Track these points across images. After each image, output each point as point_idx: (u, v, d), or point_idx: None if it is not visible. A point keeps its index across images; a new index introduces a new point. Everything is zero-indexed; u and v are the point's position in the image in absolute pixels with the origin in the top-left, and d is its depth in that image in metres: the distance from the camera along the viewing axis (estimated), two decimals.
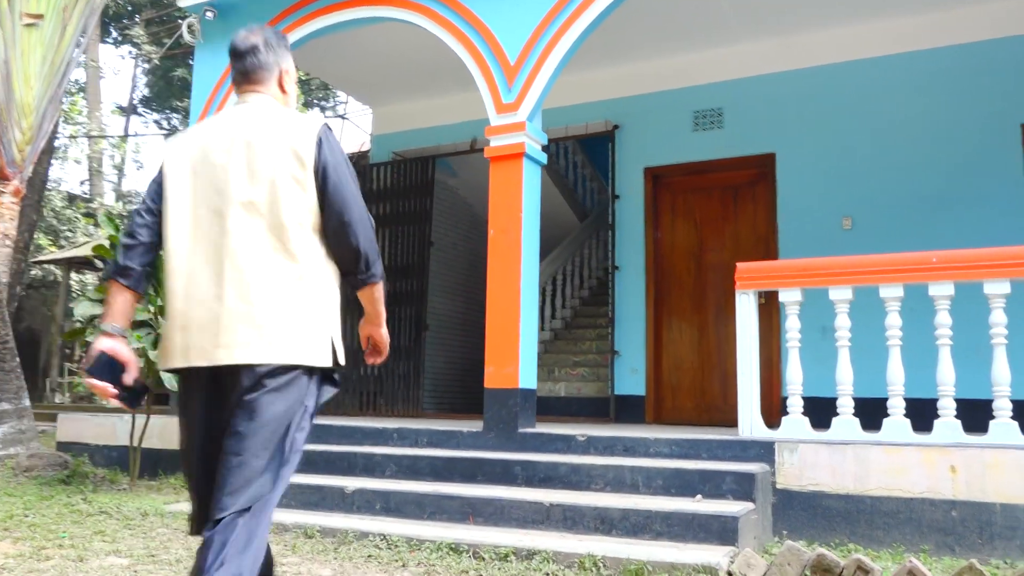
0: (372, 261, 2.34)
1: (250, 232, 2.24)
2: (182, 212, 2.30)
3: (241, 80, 2.45)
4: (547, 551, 3.91)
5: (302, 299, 2.24)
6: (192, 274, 2.26)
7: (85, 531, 4.47)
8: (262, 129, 2.31)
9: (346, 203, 2.29)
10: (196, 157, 2.33)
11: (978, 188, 6.51)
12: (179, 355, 2.25)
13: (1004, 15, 6.50)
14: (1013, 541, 4.02)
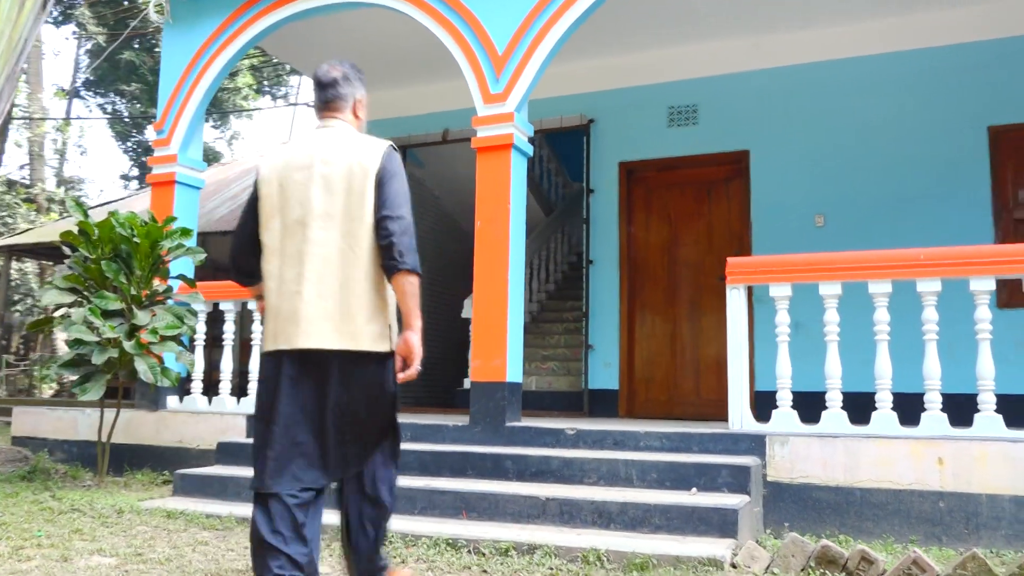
0: (403, 252, 2.67)
1: (328, 240, 2.69)
2: (274, 222, 2.76)
3: (322, 107, 2.89)
4: (548, 545, 3.88)
5: (366, 296, 2.69)
6: (282, 275, 2.73)
7: (61, 530, 4.28)
8: (339, 151, 2.74)
9: (388, 203, 2.69)
10: (283, 174, 2.77)
11: (947, 187, 6.68)
12: (271, 340, 2.74)
13: (974, 20, 6.68)
14: (998, 531, 4.13)
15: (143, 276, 5.38)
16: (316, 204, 2.70)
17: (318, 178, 2.72)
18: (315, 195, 2.71)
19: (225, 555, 3.90)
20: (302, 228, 2.71)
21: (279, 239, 2.75)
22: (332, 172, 2.71)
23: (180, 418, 6.24)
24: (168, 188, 6.55)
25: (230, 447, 5.59)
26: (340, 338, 2.67)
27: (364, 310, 2.69)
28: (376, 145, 2.77)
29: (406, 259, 2.67)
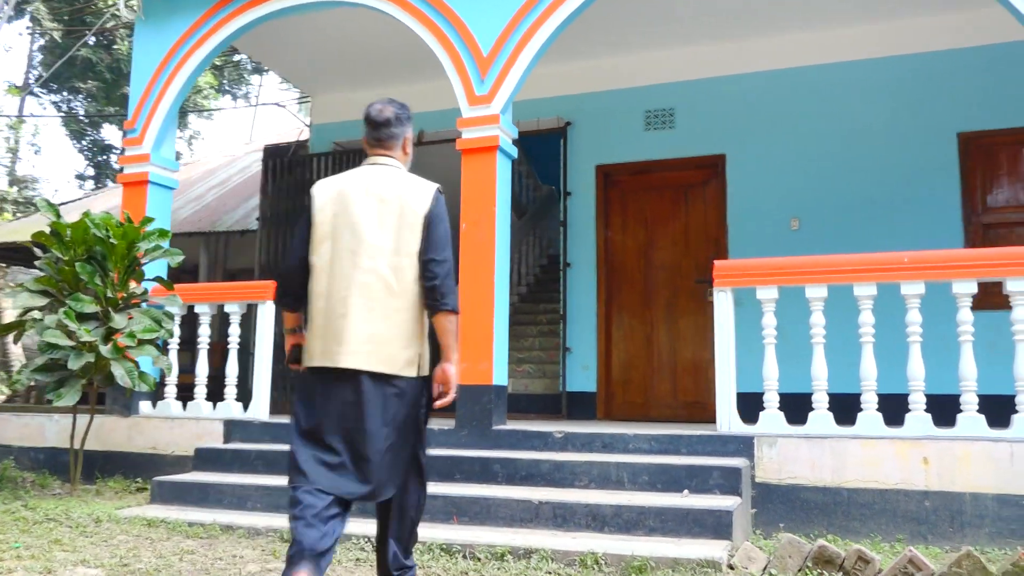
0: (445, 294, 2.92)
1: (374, 268, 2.90)
2: (324, 247, 2.95)
3: (375, 144, 3.11)
4: (544, 549, 3.86)
5: (405, 325, 2.92)
6: (329, 297, 2.92)
7: (39, 540, 4.13)
8: (392, 188, 2.95)
9: (434, 246, 2.93)
10: (337, 205, 2.96)
11: (918, 192, 6.82)
12: (316, 357, 2.92)
13: (944, 30, 6.83)
14: (982, 529, 4.22)
15: (118, 278, 5.23)
16: (367, 235, 2.92)
17: (371, 211, 2.93)
18: (367, 227, 2.92)
19: (214, 564, 3.80)
20: (352, 256, 2.91)
21: (328, 263, 2.94)
22: (385, 208, 2.93)
23: (154, 424, 6.09)
24: (140, 188, 6.39)
25: (208, 453, 5.47)
26: (378, 361, 2.88)
27: (401, 337, 2.92)
28: (427, 188, 3.00)
29: (447, 300, 2.92)
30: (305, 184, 8.70)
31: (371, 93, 8.62)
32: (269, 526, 4.43)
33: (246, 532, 4.43)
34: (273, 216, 8.86)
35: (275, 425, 5.74)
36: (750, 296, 7.18)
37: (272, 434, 5.69)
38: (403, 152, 3.12)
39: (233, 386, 6.06)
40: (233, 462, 5.36)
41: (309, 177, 8.75)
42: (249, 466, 5.30)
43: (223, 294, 6.13)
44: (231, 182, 13.19)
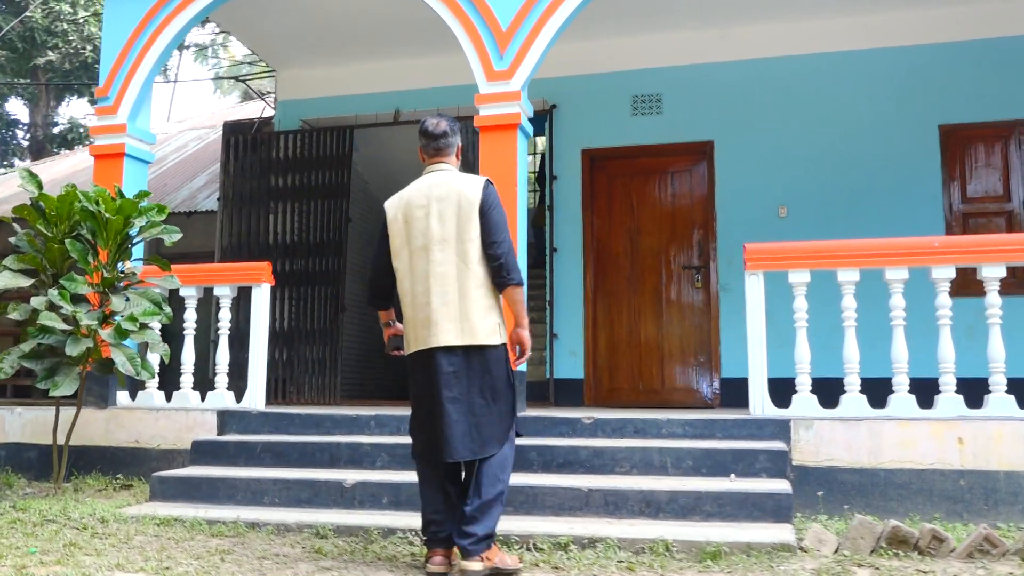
0: (509, 269, 3.41)
1: (446, 259, 3.40)
2: (403, 252, 3.50)
3: (433, 153, 3.57)
4: (610, 538, 3.74)
5: (479, 301, 3.39)
6: (413, 292, 3.46)
7: (51, 544, 3.74)
8: (449, 188, 3.44)
9: (492, 231, 3.40)
10: (406, 212, 3.49)
11: (900, 182, 7.01)
12: (412, 344, 3.47)
13: (927, 24, 7.03)
14: (1016, 506, 4.34)
15: (111, 257, 4.80)
16: (434, 232, 3.40)
17: (434, 212, 3.41)
18: (433, 225, 3.41)
19: (262, 564, 3.52)
20: (425, 252, 3.42)
21: (408, 264, 3.47)
22: (444, 205, 3.41)
23: (136, 415, 5.65)
24: (115, 161, 5.91)
25: (207, 446, 5.10)
26: (462, 336, 3.36)
27: (478, 312, 3.38)
28: (477, 181, 3.48)
29: (512, 276, 3.42)
30: (271, 163, 8.31)
31: (343, 70, 8.32)
32: (300, 522, 4.15)
33: (275, 529, 4.14)
34: (236, 196, 8.39)
35: (276, 415, 5.41)
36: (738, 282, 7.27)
37: (273, 424, 5.36)
38: (455, 158, 3.61)
39: (224, 374, 5.69)
40: (237, 455, 5.01)
41: (275, 156, 8.33)
42: (256, 459, 4.97)
43: (213, 276, 5.74)
44: (168, 161, 12.48)
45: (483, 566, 3.32)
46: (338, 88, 8.38)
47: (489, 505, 3.33)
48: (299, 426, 5.32)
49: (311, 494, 4.50)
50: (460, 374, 3.36)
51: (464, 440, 3.34)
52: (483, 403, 3.36)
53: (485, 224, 3.37)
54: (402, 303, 3.49)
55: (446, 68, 8.03)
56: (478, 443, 3.35)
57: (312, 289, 8.06)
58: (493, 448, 3.35)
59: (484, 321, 3.37)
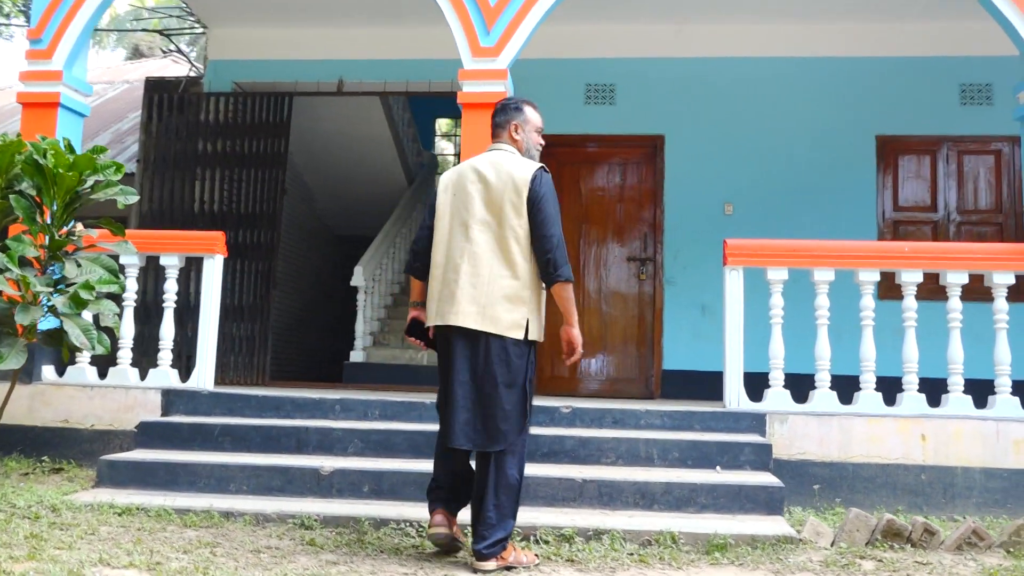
0: (558, 265, 3.29)
1: (483, 241, 3.31)
2: (444, 223, 3.41)
3: (492, 133, 3.58)
4: (615, 530, 3.71)
5: (510, 290, 3.28)
6: (446, 266, 3.36)
7: (10, 538, 3.33)
8: (499, 171, 3.35)
9: (546, 223, 3.29)
10: (457, 185, 3.42)
11: (839, 187, 7.30)
12: (432, 317, 3.39)
13: (871, 37, 7.33)
14: (970, 500, 4.61)
15: (59, 217, 4.32)
16: (477, 212, 3.33)
17: (481, 191, 3.34)
18: (477, 205, 3.33)
19: (258, 556, 3.27)
20: (465, 229, 3.34)
21: (447, 237, 3.38)
22: (492, 188, 3.32)
23: (66, 393, 5.15)
24: (48, 111, 5.34)
25: (156, 428, 4.71)
26: (483, 321, 3.25)
27: (506, 301, 3.26)
28: (528, 168, 3.36)
29: (560, 272, 3.30)
30: (199, 125, 7.78)
31: (283, 32, 7.91)
32: (280, 511, 3.89)
33: (253, 519, 3.86)
34: (158, 159, 7.80)
35: (228, 396, 5.06)
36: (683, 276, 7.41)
37: (226, 406, 5.01)
38: (511, 138, 3.51)
39: (169, 351, 5.27)
40: (191, 438, 4.65)
41: (204, 118, 7.80)
42: (214, 443, 4.62)
43: (161, 244, 5.30)
44: None
45: (496, 565, 3.25)
46: (277, 51, 7.92)
47: (504, 509, 3.24)
48: (256, 408, 4.99)
49: (284, 481, 4.23)
50: (474, 360, 3.27)
51: (466, 429, 3.26)
52: (493, 395, 3.24)
53: (535, 216, 3.26)
54: (431, 274, 3.42)
55: (397, 39, 7.77)
56: (482, 436, 3.25)
57: (241, 263, 7.60)
58: (498, 444, 3.23)
59: (510, 313, 3.26)
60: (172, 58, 14.87)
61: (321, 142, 9.69)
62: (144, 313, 6.84)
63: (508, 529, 3.26)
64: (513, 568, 3.26)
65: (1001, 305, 4.79)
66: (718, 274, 7.19)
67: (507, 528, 3.26)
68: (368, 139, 9.70)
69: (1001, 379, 4.75)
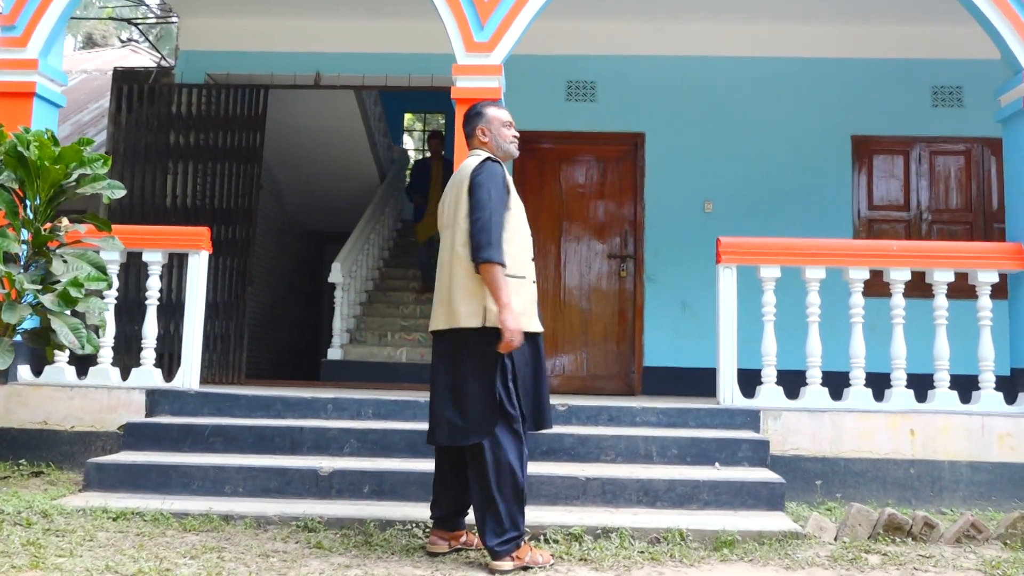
0: (479, 247, 3.25)
1: (446, 244, 3.44)
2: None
3: (467, 144, 3.64)
4: (624, 528, 3.70)
5: (463, 284, 3.31)
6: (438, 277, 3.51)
7: (7, 546, 3.20)
8: (458, 173, 3.51)
9: (474, 208, 3.31)
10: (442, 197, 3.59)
11: (815, 186, 7.42)
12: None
13: (848, 39, 7.46)
14: (957, 493, 4.72)
15: (42, 212, 4.16)
16: (444, 217, 3.50)
17: (449, 195, 3.50)
18: (445, 212, 3.51)
19: (268, 562, 3.20)
20: (442, 237, 3.50)
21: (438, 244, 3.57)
22: (450, 193, 3.49)
23: (44, 393, 4.97)
24: (23, 102, 5.14)
25: (144, 429, 4.57)
26: (448, 319, 3.34)
27: (463, 295, 3.31)
28: (474, 162, 3.42)
29: (480, 253, 3.24)
30: (171, 117, 7.59)
31: (259, 23, 7.78)
32: (281, 514, 3.81)
33: (254, 522, 3.77)
34: (128, 152, 7.57)
35: (216, 396, 4.93)
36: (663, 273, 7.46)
37: (215, 406, 4.89)
38: (480, 143, 3.56)
39: (152, 349, 5.12)
40: (181, 439, 4.52)
41: (176, 110, 7.59)
42: (205, 444, 4.51)
43: (144, 240, 5.15)
44: None
45: (513, 565, 3.24)
46: (251, 43, 7.76)
47: (489, 504, 3.20)
48: (245, 408, 4.88)
49: (281, 482, 4.14)
50: (444, 359, 3.37)
51: (443, 426, 3.32)
52: (462, 387, 3.28)
53: (469, 203, 3.31)
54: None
55: (376, 33, 7.67)
56: (457, 431, 3.28)
57: (216, 259, 7.41)
58: (471, 438, 3.23)
59: (465, 304, 3.29)
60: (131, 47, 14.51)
61: (292, 136, 9.52)
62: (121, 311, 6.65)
63: (509, 526, 3.20)
64: (530, 568, 3.24)
65: (985, 303, 4.91)
66: (698, 272, 7.32)
67: (508, 525, 3.20)
68: (341, 133, 9.57)
69: (985, 375, 4.87)
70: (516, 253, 3.37)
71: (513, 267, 3.33)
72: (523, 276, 3.39)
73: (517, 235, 3.41)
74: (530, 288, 3.44)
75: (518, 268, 3.37)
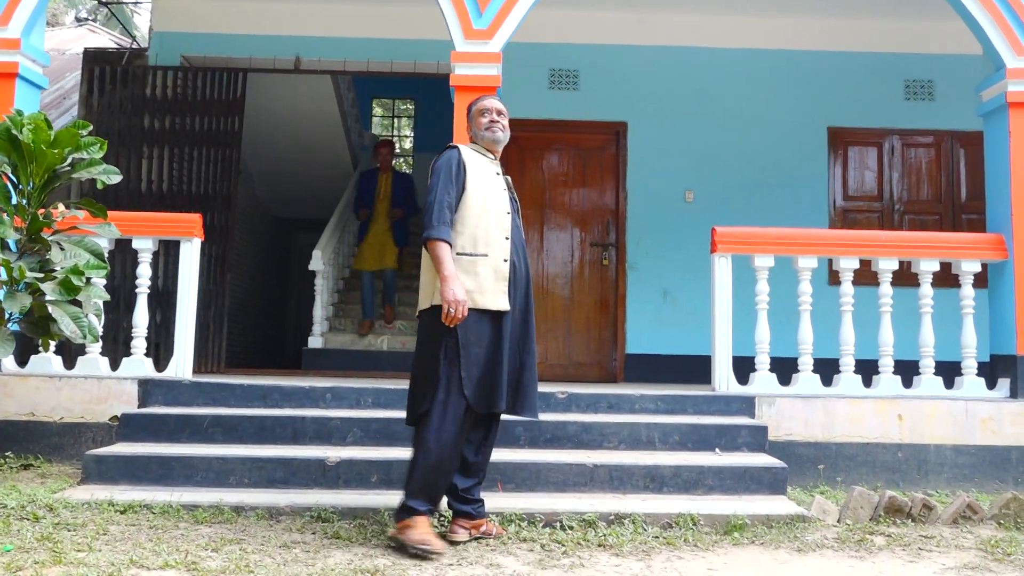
0: (424, 227, 3.35)
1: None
2: None
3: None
4: (636, 514, 3.77)
5: (426, 267, 3.47)
6: None
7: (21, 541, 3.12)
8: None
9: (429, 191, 3.42)
10: None
11: (792, 176, 7.56)
12: None
13: (822, 31, 7.60)
14: (942, 475, 4.89)
15: (36, 198, 4.03)
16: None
17: None
18: None
19: (292, 554, 3.18)
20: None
21: None
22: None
23: (31, 384, 4.83)
24: (6, 83, 4.97)
25: (140, 420, 4.49)
26: (421, 303, 3.47)
27: (424, 278, 3.48)
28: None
29: (426, 232, 3.34)
30: (145, 100, 7.41)
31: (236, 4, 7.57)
32: (292, 504, 3.78)
33: (266, 512, 3.74)
34: (100, 135, 7.26)
35: (210, 385, 4.86)
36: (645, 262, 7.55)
37: (209, 396, 4.81)
38: (470, 138, 3.83)
39: (143, 338, 5.02)
40: (179, 430, 4.45)
41: (151, 93, 7.40)
42: (204, 435, 4.44)
43: (134, 227, 5.02)
44: None
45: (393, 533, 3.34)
46: (229, 25, 7.59)
47: (409, 469, 3.34)
48: (241, 398, 4.82)
49: (287, 473, 4.10)
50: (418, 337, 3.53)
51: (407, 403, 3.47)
52: (413, 367, 3.47)
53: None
54: None
55: (357, 17, 7.58)
56: (407, 408, 3.45)
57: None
58: (413, 413, 3.38)
59: (425, 287, 3.46)
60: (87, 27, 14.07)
61: (264, 120, 9.35)
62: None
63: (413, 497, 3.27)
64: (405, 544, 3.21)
65: (968, 291, 5.08)
66: (680, 260, 7.42)
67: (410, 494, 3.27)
68: (315, 119, 9.43)
69: (968, 361, 5.05)
70: (472, 232, 3.40)
71: (468, 245, 3.38)
72: (483, 254, 3.39)
73: (474, 214, 3.42)
74: (494, 266, 3.40)
75: (475, 246, 3.39)
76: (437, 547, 3.19)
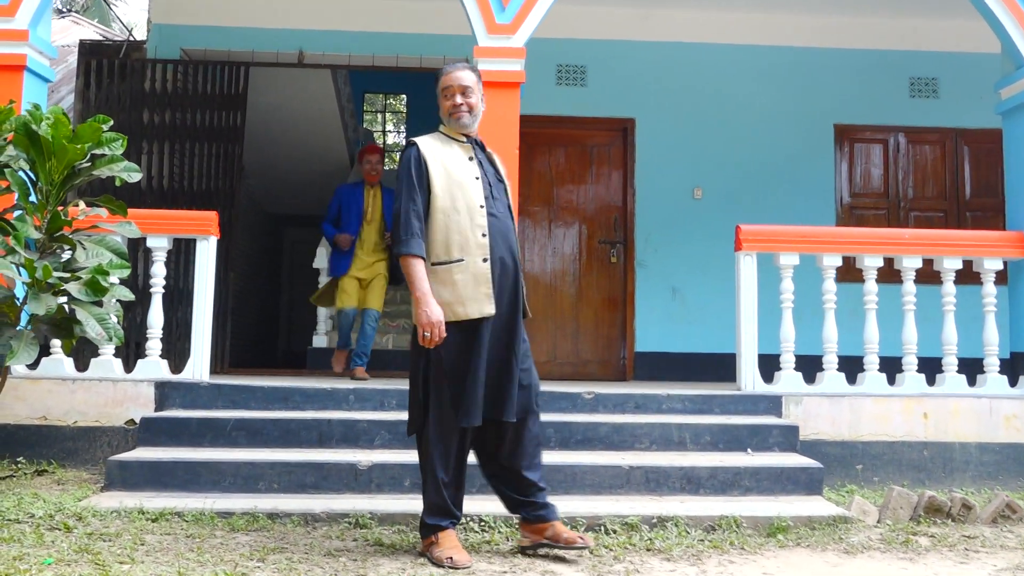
0: (396, 241, 3.18)
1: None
2: None
3: None
4: (678, 516, 3.72)
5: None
6: None
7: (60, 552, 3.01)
8: None
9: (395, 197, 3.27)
10: None
11: (799, 173, 7.56)
12: None
13: (828, 28, 7.59)
14: (967, 473, 4.90)
15: (55, 195, 3.89)
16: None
17: None
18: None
19: (341, 563, 3.09)
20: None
21: None
22: None
23: (43, 387, 4.69)
24: (13, 75, 4.80)
25: (160, 424, 4.36)
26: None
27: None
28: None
29: (398, 247, 3.17)
30: (144, 95, 7.23)
31: None
32: (328, 510, 3.69)
33: (302, 519, 3.64)
34: None
35: (230, 387, 4.74)
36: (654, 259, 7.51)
37: (229, 398, 4.69)
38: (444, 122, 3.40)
39: (158, 339, 4.88)
40: (201, 434, 4.33)
41: (150, 87, 7.23)
42: (227, 439, 4.33)
43: (148, 225, 4.88)
44: None
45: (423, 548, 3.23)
46: (230, 17, 7.43)
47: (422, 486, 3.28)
48: (263, 400, 4.70)
49: (318, 477, 4.00)
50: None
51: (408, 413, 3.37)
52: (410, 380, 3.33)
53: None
54: None
55: (362, 10, 7.45)
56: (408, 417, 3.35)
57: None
58: (411, 426, 3.29)
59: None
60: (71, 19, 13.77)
61: (261, 114, 9.18)
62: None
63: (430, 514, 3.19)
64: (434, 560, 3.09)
65: (990, 289, 5.08)
66: (688, 257, 7.39)
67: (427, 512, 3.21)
68: (313, 114, 9.29)
69: (990, 359, 5.06)
70: (444, 237, 3.16)
71: (443, 253, 3.16)
72: (458, 260, 3.14)
73: (443, 216, 3.16)
74: (473, 271, 3.14)
75: (449, 252, 3.15)
76: (462, 562, 3.05)
